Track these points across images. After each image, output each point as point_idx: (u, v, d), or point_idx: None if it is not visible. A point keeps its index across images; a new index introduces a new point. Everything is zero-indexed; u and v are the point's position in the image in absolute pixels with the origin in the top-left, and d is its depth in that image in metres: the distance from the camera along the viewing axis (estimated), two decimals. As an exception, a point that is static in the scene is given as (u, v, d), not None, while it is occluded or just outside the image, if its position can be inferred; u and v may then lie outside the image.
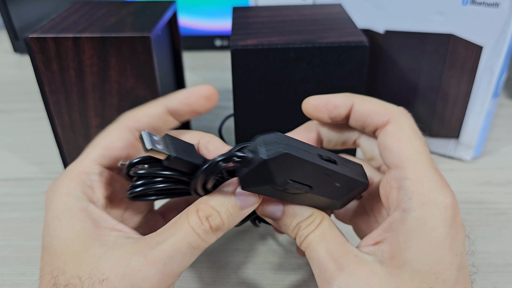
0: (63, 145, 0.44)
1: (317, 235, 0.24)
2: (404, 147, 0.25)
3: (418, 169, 0.24)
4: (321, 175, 0.25)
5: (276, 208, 0.26)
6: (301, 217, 0.25)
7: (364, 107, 0.27)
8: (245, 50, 0.34)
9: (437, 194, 0.23)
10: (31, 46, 0.38)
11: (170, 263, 0.23)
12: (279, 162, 0.23)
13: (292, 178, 0.23)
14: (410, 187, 0.23)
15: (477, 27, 0.44)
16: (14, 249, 0.40)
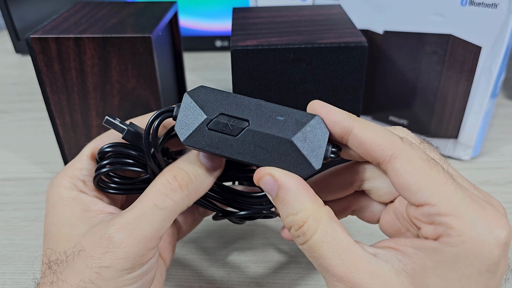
0: (64, 145, 0.45)
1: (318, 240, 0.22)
2: (422, 182, 0.21)
3: (450, 203, 0.21)
4: (253, 106, 0.25)
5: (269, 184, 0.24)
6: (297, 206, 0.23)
7: (365, 135, 0.23)
8: (245, 51, 0.34)
9: (480, 231, 0.20)
10: (33, 46, 0.39)
11: (139, 227, 0.24)
12: (200, 93, 0.25)
13: (223, 111, 0.24)
14: (448, 223, 0.21)
15: (475, 27, 0.44)
16: (16, 248, 0.41)
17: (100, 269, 0.23)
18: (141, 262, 0.24)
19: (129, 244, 0.23)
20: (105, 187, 0.28)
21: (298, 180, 0.23)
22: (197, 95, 0.25)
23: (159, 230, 0.24)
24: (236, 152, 0.24)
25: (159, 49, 0.42)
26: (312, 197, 0.23)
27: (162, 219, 0.24)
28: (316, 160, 0.24)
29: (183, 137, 0.24)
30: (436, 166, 0.22)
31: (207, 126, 0.24)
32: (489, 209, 0.21)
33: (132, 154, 0.27)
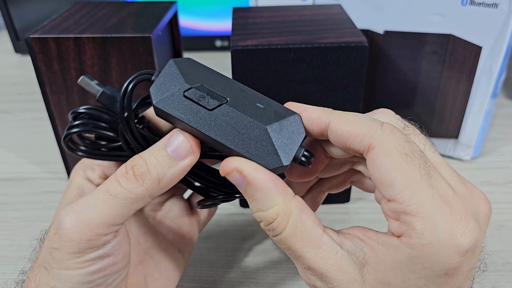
0: (64, 145, 0.45)
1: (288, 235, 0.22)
2: (394, 177, 0.21)
3: (417, 203, 0.20)
4: (235, 89, 0.24)
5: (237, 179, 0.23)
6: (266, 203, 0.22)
7: (341, 128, 0.23)
8: (245, 51, 0.34)
9: (441, 236, 0.20)
10: (32, 46, 0.38)
11: (86, 211, 0.23)
12: (186, 64, 0.24)
13: (203, 84, 0.24)
14: (410, 224, 0.20)
15: (476, 27, 0.44)
16: (16, 248, 0.41)
17: (51, 250, 0.24)
18: (90, 247, 0.23)
19: (74, 227, 0.23)
20: (74, 148, 0.27)
21: (267, 175, 0.23)
22: (183, 64, 0.24)
23: (109, 217, 0.23)
24: (206, 126, 0.23)
25: (159, 49, 0.42)
26: (282, 190, 0.23)
27: (112, 205, 0.23)
28: (286, 156, 0.23)
29: (156, 99, 0.23)
30: (414, 160, 0.21)
31: (184, 93, 0.24)
32: (458, 212, 0.20)
33: (105, 118, 0.26)
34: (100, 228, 0.23)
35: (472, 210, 0.21)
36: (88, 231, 0.23)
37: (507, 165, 0.51)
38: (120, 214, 0.24)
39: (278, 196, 0.22)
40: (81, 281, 0.24)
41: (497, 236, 0.41)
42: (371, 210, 0.44)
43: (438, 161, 0.23)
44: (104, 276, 0.24)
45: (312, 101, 0.36)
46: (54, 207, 0.45)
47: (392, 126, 0.23)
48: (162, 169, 0.24)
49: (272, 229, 0.23)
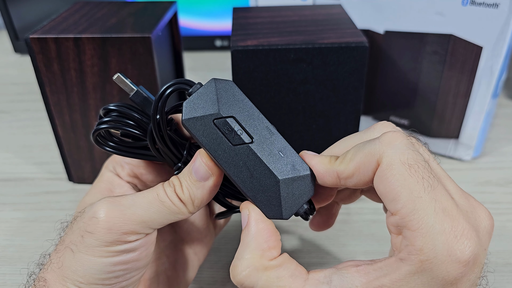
0: (63, 145, 0.45)
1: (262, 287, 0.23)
2: (398, 192, 0.21)
3: (419, 219, 0.20)
4: (264, 129, 0.25)
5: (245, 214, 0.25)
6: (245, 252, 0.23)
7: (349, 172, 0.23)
8: (245, 51, 0.34)
9: (440, 252, 0.20)
10: (32, 46, 0.38)
11: (133, 207, 0.25)
12: (226, 87, 0.25)
13: (236, 117, 0.24)
14: (410, 239, 0.20)
15: (476, 27, 0.44)
16: (16, 249, 0.40)
17: (84, 233, 0.25)
18: (121, 240, 0.25)
19: (116, 218, 0.24)
20: (103, 143, 0.28)
21: (263, 226, 0.24)
22: (222, 87, 0.25)
23: (150, 219, 0.25)
24: (224, 158, 0.24)
25: (159, 49, 0.42)
26: (265, 248, 0.23)
27: (156, 209, 0.25)
28: (288, 211, 0.24)
29: (186, 116, 0.24)
30: (417, 171, 0.21)
31: (213, 120, 0.24)
32: (459, 227, 0.20)
33: (135, 117, 0.27)
34: (138, 225, 0.25)
35: (474, 225, 0.21)
36: (127, 225, 0.24)
37: (507, 165, 0.51)
38: (159, 220, 0.26)
39: (258, 252, 0.23)
40: (103, 270, 0.25)
41: (498, 236, 0.41)
42: (372, 210, 0.44)
43: (442, 174, 0.23)
44: (124, 270, 0.25)
45: (313, 101, 0.36)
46: (54, 207, 0.45)
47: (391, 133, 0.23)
48: (192, 191, 0.26)
49: (240, 284, 0.23)
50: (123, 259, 0.25)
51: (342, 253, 0.39)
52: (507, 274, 0.37)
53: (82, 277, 0.24)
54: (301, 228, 0.42)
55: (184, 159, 0.28)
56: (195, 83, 0.25)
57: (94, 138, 0.28)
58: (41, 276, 0.25)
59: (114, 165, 0.31)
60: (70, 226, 0.26)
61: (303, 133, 0.38)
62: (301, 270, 0.23)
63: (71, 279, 0.25)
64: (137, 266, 0.26)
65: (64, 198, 0.47)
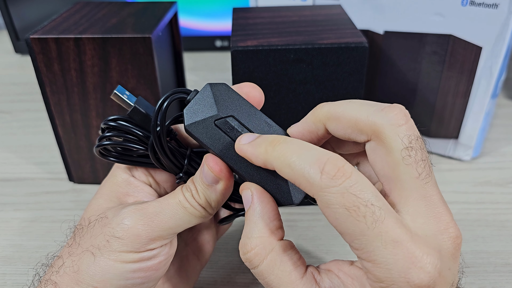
0: (64, 146, 0.45)
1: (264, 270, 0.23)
2: (343, 230, 0.21)
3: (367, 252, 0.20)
4: (262, 123, 0.26)
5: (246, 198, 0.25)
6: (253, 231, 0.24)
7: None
8: (245, 51, 0.34)
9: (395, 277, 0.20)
10: (32, 46, 0.38)
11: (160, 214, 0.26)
12: (220, 90, 0.26)
13: (235, 115, 0.26)
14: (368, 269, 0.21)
15: (476, 27, 0.44)
16: (16, 249, 0.40)
17: (111, 238, 0.25)
18: (148, 248, 0.25)
19: (146, 225, 0.25)
20: (107, 155, 0.29)
21: (269, 206, 0.24)
22: (217, 90, 0.26)
23: (176, 225, 0.26)
24: (229, 156, 0.25)
25: (159, 49, 0.42)
26: (272, 226, 0.24)
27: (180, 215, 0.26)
28: (297, 195, 0.25)
29: (188, 122, 0.25)
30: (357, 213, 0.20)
31: (214, 121, 0.25)
32: (414, 253, 0.20)
33: (135, 132, 0.28)
34: (165, 232, 0.26)
35: (434, 247, 0.21)
36: (155, 231, 0.25)
37: (507, 165, 0.51)
38: (183, 225, 0.26)
39: (266, 230, 0.24)
40: (122, 276, 0.25)
41: (497, 236, 0.41)
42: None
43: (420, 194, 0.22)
44: (143, 277, 0.26)
45: (312, 101, 0.36)
46: (54, 207, 0.46)
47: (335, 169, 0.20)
48: (207, 195, 0.26)
49: (249, 260, 0.23)
50: (143, 267, 0.26)
51: (343, 253, 0.39)
52: (506, 274, 0.37)
53: (99, 282, 0.25)
54: (301, 227, 0.42)
55: (185, 169, 0.28)
56: (191, 91, 0.26)
57: (97, 152, 0.29)
58: (51, 279, 0.25)
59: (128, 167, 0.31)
60: (87, 229, 0.26)
61: (303, 133, 0.38)
62: (302, 262, 0.24)
63: (86, 284, 0.25)
64: (154, 276, 0.26)
65: (64, 198, 0.47)
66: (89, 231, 0.26)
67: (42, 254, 0.40)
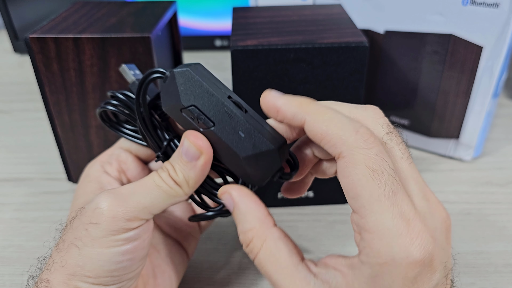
0: (63, 145, 0.44)
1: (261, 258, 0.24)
2: (360, 192, 0.21)
3: (376, 221, 0.21)
4: (224, 114, 0.26)
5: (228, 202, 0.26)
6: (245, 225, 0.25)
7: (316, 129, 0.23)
8: (245, 51, 0.34)
9: (397, 254, 0.20)
10: (31, 46, 0.38)
11: (134, 194, 0.26)
12: (184, 78, 0.26)
13: (196, 105, 0.26)
14: (368, 241, 0.21)
15: (477, 27, 0.44)
16: (15, 249, 0.40)
17: (89, 226, 0.25)
18: (128, 227, 0.25)
19: (119, 206, 0.25)
20: (104, 119, 0.32)
21: (250, 200, 0.25)
22: (182, 78, 0.26)
23: (151, 204, 0.26)
24: None
25: (159, 48, 0.42)
26: (261, 217, 0.25)
27: (155, 195, 0.26)
28: (260, 181, 0.27)
29: (164, 105, 0.27)
30: (380, 177, 0.21)
31: (181, 109, 0.27)
32: (416, 229, 0.21)
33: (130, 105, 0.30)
34: (140, 211, 0.26)
35: (431, 227, 0.22)
36: (130, 211, 0.25)
37: (508, 165, 0.51)
38: (158, 205, 0.27)
39: (256, 221, 0.25)
40: (111, 260, 0.25)
41: (498, 237, 0.41)
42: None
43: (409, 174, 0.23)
44: (130, 259, 0.26)
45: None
46: (53, 207, 0.45)
47: (368, 135, 0.22)
48: (186, 172, 0.26)
49: (250, 251, 0.25)
50: (129, 248, 0.26)
51: (343, 254, 0.39)
52: (507, 275, 0.37)
53: (91, 271, 0.25)
54: (301, 228, 0.42)
55: (164, 149, 0.29)
56: (166, 72, 0.27)
57: (98, 113, 0.32)
58: (44, 277, 0.25)
59: (101, 164, 0.32)
60: (70, 225, 0.27)
61: (303, 133, 0.38)
62: (298, 252, 0.24)
63: (79, 276, 0.25)
64: (140, 255, 0.27)
65: (63, 198, 0.47)
66: (71, 226, 0.26)
67: (41, 254, 0.40)
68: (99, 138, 0.44)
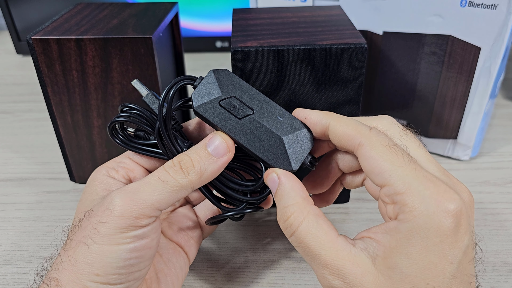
0: (65, 145, 0.45)
1: (303, 231, 0.25)
2: (382, 165, 0.24)
3: (404, 182, 0.24)
4: (261, 101, 0.30)
5: (272, 181, 0.28)
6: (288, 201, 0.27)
7: (338, 129, 0.27)
8: (245, 52, 0.34)
9: (429, 204, 0.23)
10: (34, 47, 0.39)
11: (139, 192, 0.27)
12: (223, 75, 0.30)
13: (236, 95, 0.30)
14: (402, 201, 0.23)
15: (475, 28, 0.44)
16: (17, 248, 0.41)
17: (98, 225, 0.26)
18: (136, 225, 0.26)
19: (126, 204, 0.26)
20: (115, 135, 0.32)
21: (294, 180, 0.28)
22: (220, 75, 0.30)
23: (157, 200, 0.27)
24: (234, 131, 0.29)
25: (160, 50, 0.42)
26: (303, 195, 0.27)
27: (161, 190, 0.27)
28: (296, 162, 0.29)
29: (196, 104, 0.29)
30: (397, 151, 0.25)
31: (219, 102, 0.29)
32: (441, 186, 0.24)
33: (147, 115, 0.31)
34: (148, 208, 0.26)
35: (455, 190, 0.24)
36: (137, 209, 0.26)
37: (506, 165, 0.51)
38: (165, 200, 0.27)
39: (299, 198, 0.27)
40: (120, 257, 0.26)
41: (496, 236, 0.41)
42: (370, 210, 0.44)
43: (428, 159, 0.26)
44: (138, 257, 0.26)
45: (312, 102, 0.37)
46: (55, 207, 0.46)
47: (379, 130, 0.27)
48: (204, 165, 0.28)
49: (290, 225, 0.26)
50: (137, 246, 0.26)
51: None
52: (505, 274, 0.37)
53: (99, 269, 0.25)
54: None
55: None
56: (197, 77, 0.30)
57: (109, 128, 0.31)
58: (52, 276, 0.26)
59: (107, 170, 0.32)
60: (79, 225, 0.27)
61: (303, 133, 0.38)
62: (334, 228, 0.26)
63: (87, 274, 0.25)
64: (148, 254, 0.27)
65: (65, 198, 0.47)
66: (79, 227, 0.27)
67: (44, 253, 0.40)
68: (101, 138, 0.44)
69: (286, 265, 0.39)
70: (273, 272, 0.38)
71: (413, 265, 0.23)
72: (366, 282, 0.23)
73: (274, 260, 0.39)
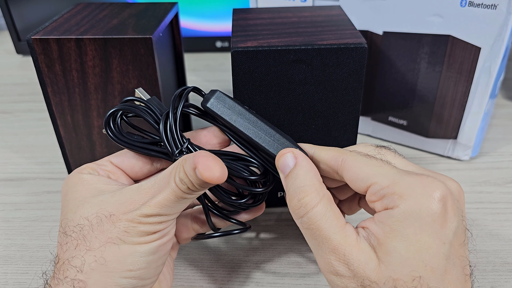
0: (65, 146, 0.45)
1: (318, 213, 0.26)
2: (366, 170, 0.27)
3: (389, 178, 0.26)
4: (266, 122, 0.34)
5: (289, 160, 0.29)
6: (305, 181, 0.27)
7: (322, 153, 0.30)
8: (245, 52, 0.34)
9: (416, 191, 0.24)
10: (34, 47, 0.39)
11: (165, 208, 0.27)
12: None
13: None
14: (390, 192, 0.25)
15: (475, 28, 0.44)
16: (17, 248, 0.41)
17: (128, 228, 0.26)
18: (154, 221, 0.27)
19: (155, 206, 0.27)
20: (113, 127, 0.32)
21: (311, 163, 0.29)
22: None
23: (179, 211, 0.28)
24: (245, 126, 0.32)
25: (160, 50, 0.42)
26: (320, 178, 0.28)
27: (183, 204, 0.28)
28: None
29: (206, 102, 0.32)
30: (377, 159, 0.27)
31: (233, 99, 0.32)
32: (425, 177, 0.25)
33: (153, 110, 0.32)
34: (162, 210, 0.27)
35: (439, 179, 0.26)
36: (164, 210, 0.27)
37: (506, 165, 0.51)
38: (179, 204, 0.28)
39: (316, 180, 0.28)
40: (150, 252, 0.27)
41: (496, 236, 0.41)
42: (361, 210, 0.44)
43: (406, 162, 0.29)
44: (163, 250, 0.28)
45: (312, 102, 0.37)
46: (55, 207, 0.46)
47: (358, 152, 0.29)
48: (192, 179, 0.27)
49: (304, 205, 0.26)
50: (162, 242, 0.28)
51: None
52: (505, 274, 0.37)
53: (132, 264, 0.26)
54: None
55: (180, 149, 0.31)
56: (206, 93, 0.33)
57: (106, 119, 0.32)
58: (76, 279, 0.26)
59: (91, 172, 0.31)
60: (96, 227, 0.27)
61: (302, 133, 0.38)
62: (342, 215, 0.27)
63: (118, 272, 0.26)
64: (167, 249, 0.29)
65: (65, 198, 0.47)
66: (96, 228, 0.27)
67: (44, 253, 0.40)
68: (101, 138, 0.44)
69: (286, 265, 0.39)
70: (273, 272, 0.38)
71: (410, 246, 0.24)
72: (369, 270, 0.24)
73: (274, 259, 0.39)
